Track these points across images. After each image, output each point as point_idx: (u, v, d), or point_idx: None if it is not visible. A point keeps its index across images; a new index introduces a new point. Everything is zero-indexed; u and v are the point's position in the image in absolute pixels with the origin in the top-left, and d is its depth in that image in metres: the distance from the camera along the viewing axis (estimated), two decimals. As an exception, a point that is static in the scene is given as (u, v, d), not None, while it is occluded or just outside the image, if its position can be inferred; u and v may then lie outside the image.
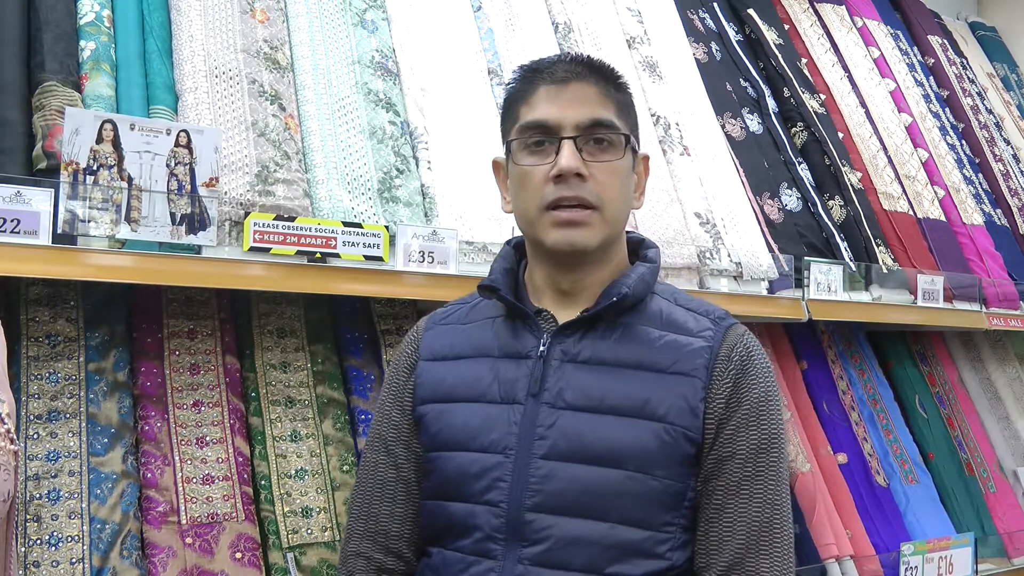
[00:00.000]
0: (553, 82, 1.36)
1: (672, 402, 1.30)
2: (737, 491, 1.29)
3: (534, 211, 1.36)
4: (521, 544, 1.28)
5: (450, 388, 1.40)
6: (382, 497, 1.43)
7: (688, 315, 1.38)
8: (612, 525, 1.27)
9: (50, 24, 1.76)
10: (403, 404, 1.44)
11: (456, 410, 1.38)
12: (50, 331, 1.76)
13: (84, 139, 1.57)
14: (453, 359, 1.42)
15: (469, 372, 1.39)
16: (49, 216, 1.53)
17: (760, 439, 1.31)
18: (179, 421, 1.81)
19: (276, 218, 1.73)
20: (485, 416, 1.35)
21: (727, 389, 1.31)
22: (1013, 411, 3.25)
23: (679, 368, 1.32)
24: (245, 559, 1.74)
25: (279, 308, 2.02)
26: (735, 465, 1.29)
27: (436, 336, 1.46)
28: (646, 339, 1.34)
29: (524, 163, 1.36)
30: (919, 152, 3.36)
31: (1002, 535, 2.92)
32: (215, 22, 1.92)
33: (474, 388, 1.38)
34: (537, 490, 1.28)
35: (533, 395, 1.33)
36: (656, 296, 1.40)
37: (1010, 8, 4.52)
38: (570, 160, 1.32)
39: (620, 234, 1.41)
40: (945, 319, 2.90)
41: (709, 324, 1.36)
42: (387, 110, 2.06)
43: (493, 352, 1.39)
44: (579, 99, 1.35)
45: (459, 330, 1.45)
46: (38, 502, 1.63)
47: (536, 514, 1.28)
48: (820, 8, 3.55)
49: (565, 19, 2.59)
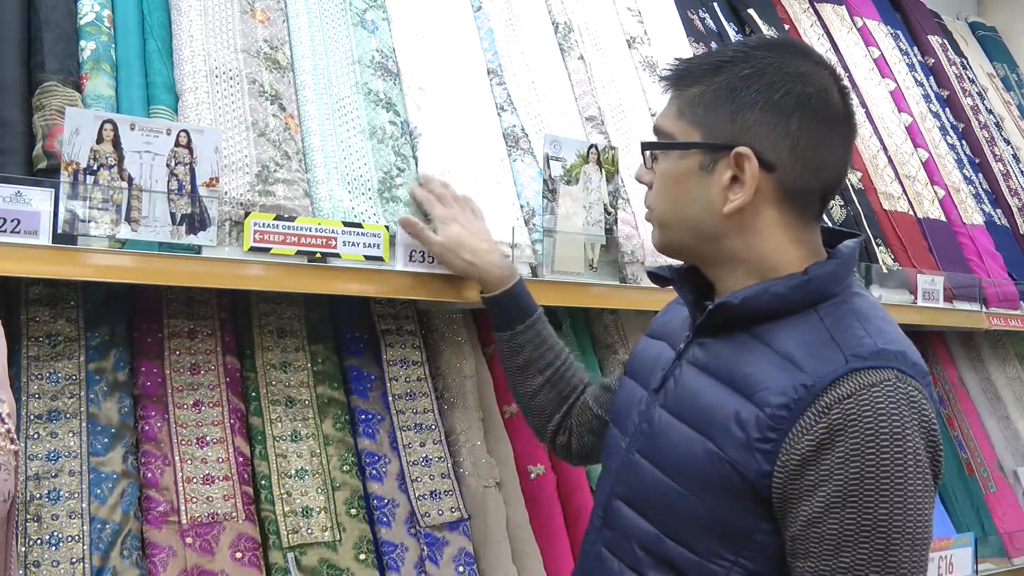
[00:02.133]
0: None
1: (734, 430, 1.16)
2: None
3: None
4: (607, 526, 1.35)
5: (635, 363, 1.47)
6: None
7: (828, 344, 1.16)
8: (659, 535, 1.25)
9: (50, 24, 1.76)
10: None
11: (625, 385, 1.47)
12: (50, 331, 1.76)
13: (84, 139, 1.57)
14: (655, 337, 1.48)
15: (650, 352, 1.44)
16: (49, 216, 1.53)
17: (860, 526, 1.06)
18: (179, 421, 1.81)
19: (276, 218, 1.73)
20: (630, 397, 1.42)
21: (807, 447, 1.09)
22: (1013, 411, 3.25)
23: (760, 398, 1.15)
24: (245, 559, 1.74)
25: (279, 308, 2.02)
26: (825, 551, 1.08)
27: (665, 312, 1.54)
28: (758, 357, 1.20)
29: None
30: (919, 152, 3.36)
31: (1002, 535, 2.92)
32: (215, 22, 1.92)
33: (641, 368, 1.43)
34: (623, 480, 1.33)
35: (655, 390, 1.35)
36: (815, 313, 1.21)
37: (1010, 8, 4.52)
38: (636, 169, 1.40)
39: (713, 238, 1.29)
40: (945, 319, 2.89)
41: (835, 361, 1.13)
42: (387, 110, 2.06)
43: (667, 336, 1.43)
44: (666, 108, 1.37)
45: (676, 311, 1.49)
46: (38, 502, 1.63)
47: (617, 501, 1.34)
48: (820, 8, 3.55)
49: (565, 19, 2.59)
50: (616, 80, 2.57)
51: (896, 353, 1.15)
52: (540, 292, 2.04)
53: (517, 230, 2.04)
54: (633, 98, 2.58)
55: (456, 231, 1.82)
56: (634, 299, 2.19)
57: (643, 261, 2.26)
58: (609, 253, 2.26)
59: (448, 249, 1.81)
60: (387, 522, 1.91)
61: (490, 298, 1.78)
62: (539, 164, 2.20)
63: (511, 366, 1.76)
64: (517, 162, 2.22)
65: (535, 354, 1.73)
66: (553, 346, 1.75)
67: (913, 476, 1.08)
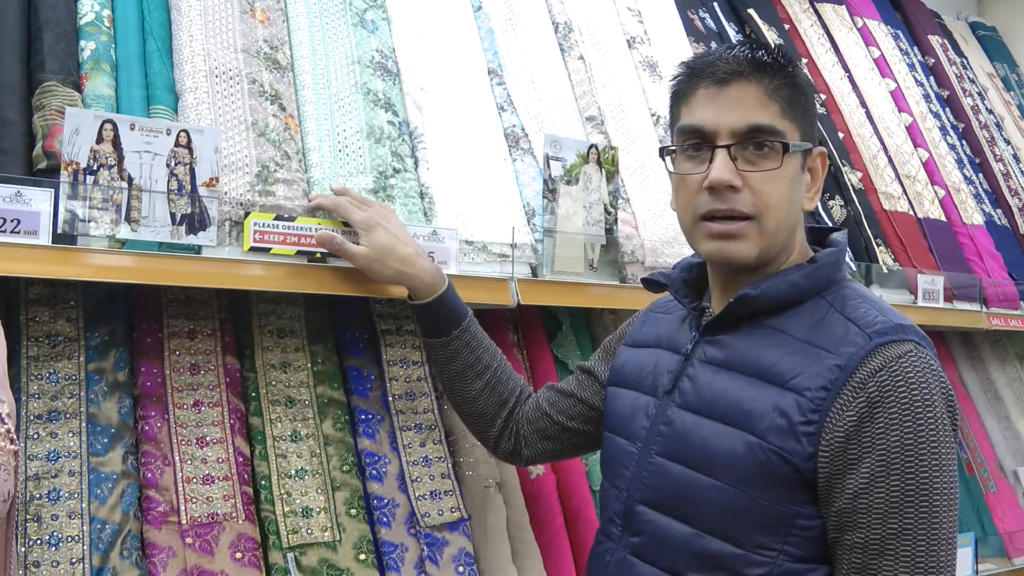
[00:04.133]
0: (713, 82, 1.27)
1: (774, 419, 1.18)
2: (881, 552, 1.13)
3: (689, 220, 1.31)
4: (630, 533, 1.32)
5: (626, 374, 1.45)
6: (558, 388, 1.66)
7: (845, 326, 1.22)
8: (698, 533, 1.23)
9: (50, 24, 1.76)
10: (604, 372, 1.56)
11: (621, 395, 1.44)
12: (50, 331, 1.76)
13: (84, 139, 1.57)
14: (640, 347, 1.46)
15: (642, 360, 1.43)
16: (49, 216, 1.53)
17: (904, 491, 1.11)
18: (179, 421, 1.81)
19: (276, 218, 1.73)
20: (633, 404, 1.39)
21: (849, 422, 1.14)
22: (1013, 411, 3.25)
23: (796, 384, 1.18)
24: (245, 559, 1.74)
25: (279, 308, 2.02)
26: (874, 520, 1.13)
27: (643, 322, 1.52)
28: (780, 347, 1.23)
29: (680, 169, 1.30)
30: (919, 152, 3.36)
31: (1002, 535, 2.92)
32: (215, 22, 1.92)
33: (638, 376, 1.41)
34: (646, 484, 1.31)
35: (667, 391, 1.33)
36: (823, 300, 1.27)
37: (1010, 8, 4.52)
38: (721, 172, 1.24)
39: (787, 239, 1.31)
40: (945, 319, 2.89)
41: (860, 340, 1.19)
42: (386, 110, 2.06)
43: (663, 343, 1.41)
44: (737, 102, 1.25)
45: (658, 319, 1.48)
46: (38, 502, 1.63)
47: (643, 507, 1.31)
48: (820, 8, 3.55)
49: (565, 19, 2.59)
50: (616, 80, 2.57)
51: (908, 327, 1.23)
52: (540, 292, 2.04)
53: (517, 230, 2.04)
54: (633, 98, 2.58)
55: (382, 237, 1.66)
56: (634, 299, 2.19)
57: (643, 261, 2.26)
58: (609, 253, 2.26)
59: (375, 259, 1.65)
60: (387, 522, 1.91)
61: (423, 305, 1.67)
62: (539, 164, 2.20)
63: (447, 372, 1.69)
64: (517, 162, 2.22)
65: (471, 358, 1.66)
66: (488, 347, 1.69)
67: (943, 438, 1.14)
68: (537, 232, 2.11)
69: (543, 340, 2.34)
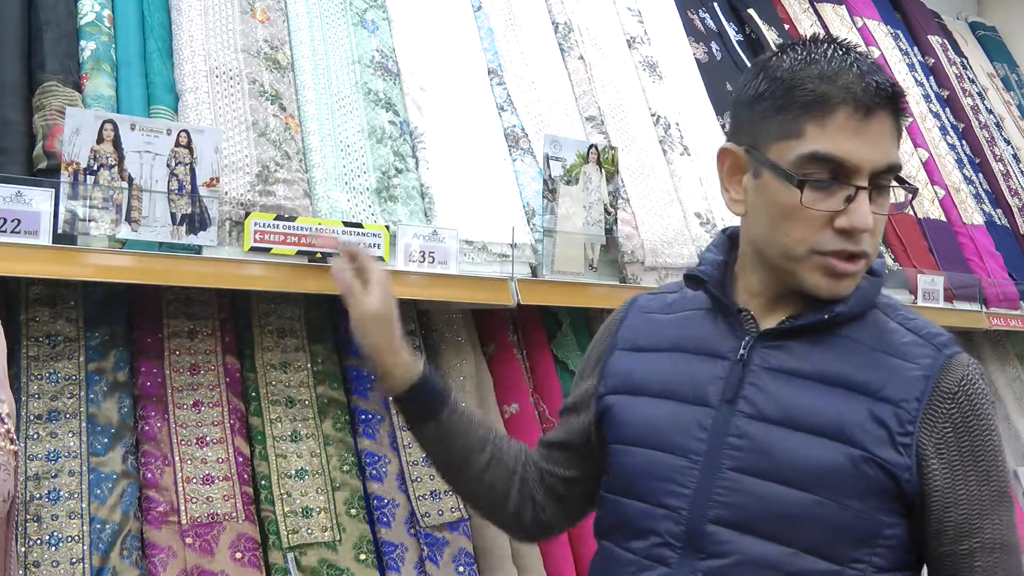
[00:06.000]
0: (858, 108, 1.16)
1: (873, 429, 1.17)
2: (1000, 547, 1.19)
3: (801, 250, 1.20)
4: (698, 556, 1.20)
5: (640, 380, 1.32)
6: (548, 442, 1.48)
7: (908, 335, 1.23)
8: (796, 552, 1.18)
9: (51, 24, 1.76)
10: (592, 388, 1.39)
11: (643, 405, 1.31)
12: (50, 331, 1.76)
13: (85, 139, 1.57)
14: (650, 351, 1.35)
15: (662, 366, 1.32)
16: (49, 216, 1.53)
17: (1002, 491, 1.19)
18: (179, 421, 1.81)
19: (277, 218, 1.73)
20: (673, 415, 1.27)
21: (945, 433, 1.17)
22: (1013, 411, 3.25)
23: (888, 394, 1.18)
24: (245, 559, 1.74)
25: (279, 308, 2.02)
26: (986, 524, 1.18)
27: (637, 325, 1.39)
28: (856, 356, 1.21)
29: (804, 200, 1.17)
30: (919, 152, 3.36)
31: (1002, 535, 2.92)
32: (216, 22, 1.92)
33: (665, 383, 1.30)
34: (722, 502, 1.20)
35: (728, 400, 1.23)
36: (877, 311, 1.26)
37: (1010, 8, 4.52)
38: (868, 218, 1.16)
39: None
40: (945, 319, 2.89)
41: (930, 351, 1.21)
42: (387, 110, 2.06)
43: (689, 347, 1.30)
44: (880, 136, 1.17)
45: (660, 321, 1.37)
46: (38, 502, 1.63)
47: (717, 527, 1.20)
48: (820, 8, 3.55)
49: (565, 19, 2.59)
50: (616, 80, 2.57)
51: (953, 336, 1.27)
52: (540, 292, 2.04)
53: (517, 230, 2.04)
54: (633, 98, 2.58)
55: (391, 303, 1.45)
56: (634, 299, 2.19)
57: (643, 261, 2.26)
58: (609, 253, 2.26)
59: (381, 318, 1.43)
60: (387, 522, 1.91)
61: (408, 392, 1.45)
62: (539, 164, 2.20)
63: (449, 457, 1.48)
64: (517, 162, 2.22)
65: (469, 433, 1.47)
66: (476, 418, 1.52)
67: None
68: (537, 232, 2.11)
69: (543, 340, 2.34)
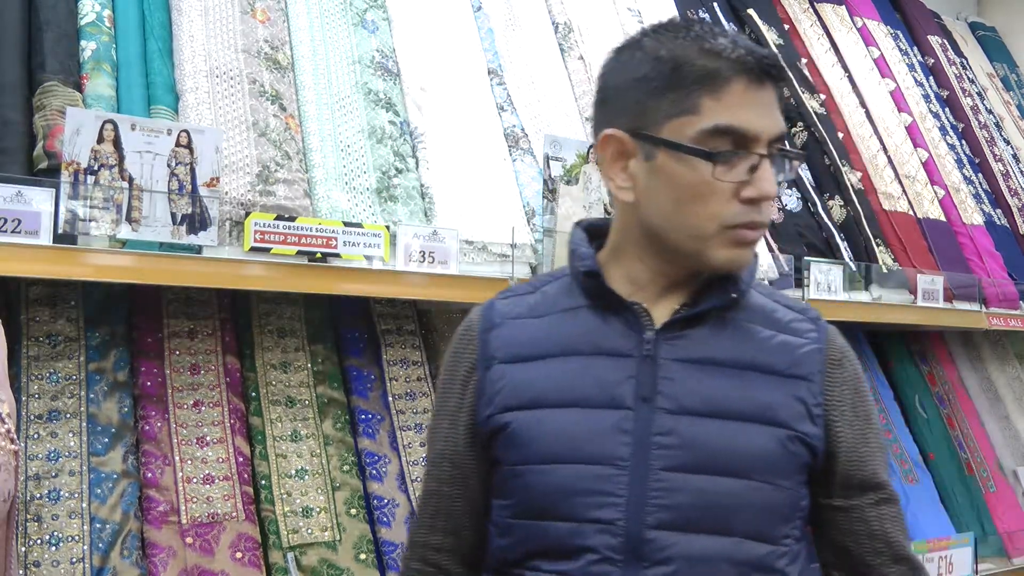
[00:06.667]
0: (751, 79, 1.14)
1: (792, 407, 1.21)
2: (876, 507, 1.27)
3: (712, 227, 1.17)
4: (642, 564, 1.15)
5: (538, 392, 1.22)
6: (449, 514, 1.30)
7: (789, 313, 1.28)
8: (738, 540, 1.17)
9: (51, 24, 1.76)
10: (467, 414, 1.27)
11: (547, 417, 1.21)
12: (50, 331, 1.76)
13: (85, 139, 1.57)
14: (537, 359, 1.24)
15: (558, 373, 1.22)
16: (50, 216, 1.53)
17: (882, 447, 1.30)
18: (179, 421, 1.82)
19: (277, 218, 1.73)
20: (585, 423, 1.19)
21: (844, 396, 1.25)
22: (1013, 411, 3.25)
23: (796, 371, 1.23)
24: (245, 559, 1.74)
25: (279, 308, 2.02)
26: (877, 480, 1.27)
27: (511, 333, 1.27)
28: (758, 338, 1.24)
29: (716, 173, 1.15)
30: (919, 152, 3.36)
31: (1002, 535, 2.93)
32: (216, 22, 1.92)
33: (566, 391, 1.21)
34: (661, 504, 1.16)
35: (645, 399, 1.19)
36: (752, 291, 1.28)
37: (1010, 8, 4.52)
38: (773, 185, 1.16)
39: None
40: (945, 319, 2.89)
41: (810, 324, 1.28)
42: (387, 110, 2.07)
43: (583, 349, 1.23)
44: (771, 105, 1.17)
45: (534, 325, 1.27)
46: (38, 502, 1.63)
47: (659, 531, 1.16)
48: (820, 8, 3.55)
49: (565, 19, 2.59)
50: (616, 80, 2.57)
51: None
52: (540, 292, 2.03)
53: (517, 230, 2.05)
54: (633, 98, 2.58)
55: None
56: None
57: (643, 261, 2.26)
58: (609, 253, 2.26)
59: None
60: (387, 522, 1.91)
61: None
62: (539, 164, 2.20)
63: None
64: (517, 162, 2.22)
65: None
66: None
67: None
68: (537, 232, 2.11)
69: (543, 340, 2.34)
